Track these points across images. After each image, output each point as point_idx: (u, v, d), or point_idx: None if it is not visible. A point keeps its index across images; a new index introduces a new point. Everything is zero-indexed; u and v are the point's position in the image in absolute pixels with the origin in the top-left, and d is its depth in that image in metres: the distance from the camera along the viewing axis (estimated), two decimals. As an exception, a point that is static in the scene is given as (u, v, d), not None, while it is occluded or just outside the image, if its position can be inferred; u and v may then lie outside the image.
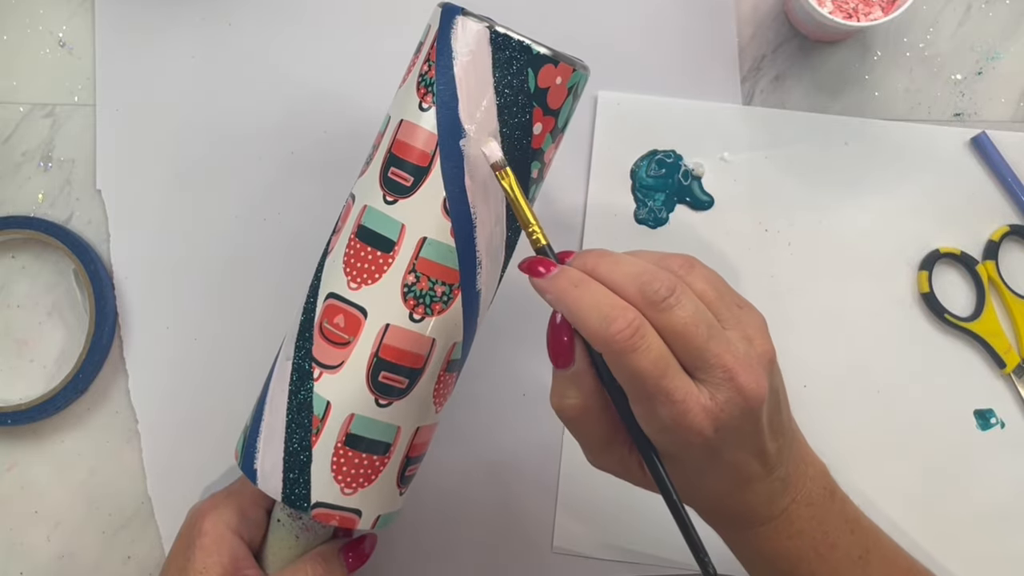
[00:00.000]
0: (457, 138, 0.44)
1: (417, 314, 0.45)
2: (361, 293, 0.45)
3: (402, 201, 0.45)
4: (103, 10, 0.61)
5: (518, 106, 0.44)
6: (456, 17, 0.44)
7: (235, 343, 0.60)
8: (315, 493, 0.46)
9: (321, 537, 0.50)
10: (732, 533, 0.45)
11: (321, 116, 0.61)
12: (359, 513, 0.47)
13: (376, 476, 0.46)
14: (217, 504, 0.50)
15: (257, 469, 0.47)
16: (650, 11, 0.61)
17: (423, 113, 0.45)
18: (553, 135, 0.46)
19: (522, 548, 0.60)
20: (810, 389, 0.59)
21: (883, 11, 0.57)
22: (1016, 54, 0.61)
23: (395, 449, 0.47)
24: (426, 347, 0.46)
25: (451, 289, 0.45)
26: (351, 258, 0.46)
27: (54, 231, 0.59)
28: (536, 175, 0.47)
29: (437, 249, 0.44)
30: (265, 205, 0.61)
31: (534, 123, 0.45)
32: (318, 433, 0.46)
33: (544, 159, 0.47)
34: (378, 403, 0.45)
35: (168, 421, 0.60)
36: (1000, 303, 0.60)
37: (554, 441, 0.60)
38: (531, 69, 0.44)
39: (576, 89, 0.46)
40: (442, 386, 0.48)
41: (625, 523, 0.59)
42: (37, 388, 0.59)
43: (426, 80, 0.45)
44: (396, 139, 0.46)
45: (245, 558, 0.48)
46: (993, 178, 0.60)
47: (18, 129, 0.61)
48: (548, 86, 0.44)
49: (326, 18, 0.61)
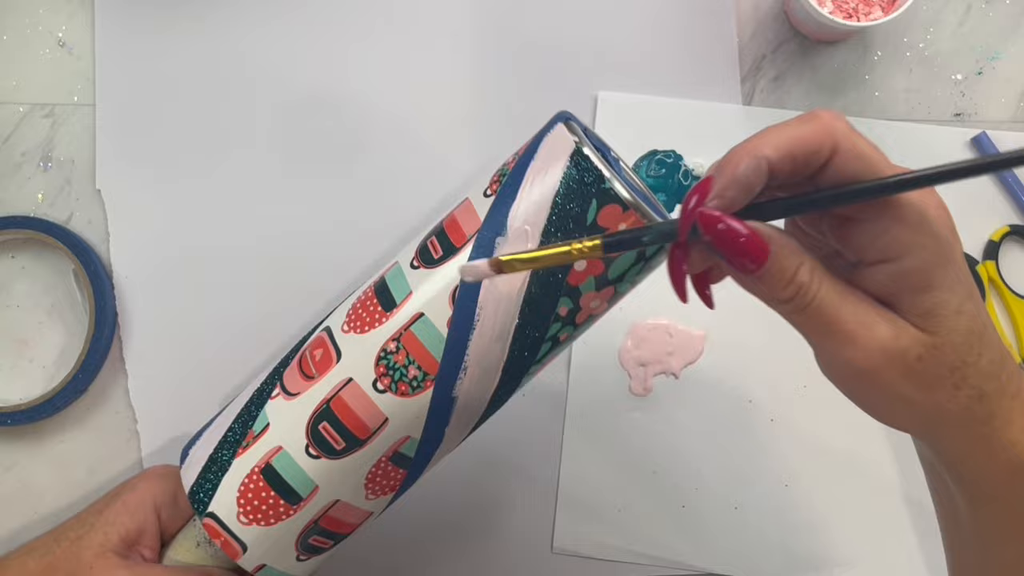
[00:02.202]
0: (495, 233, 0.42)
1: (382, 384, 0.43)
2: (347, 338, 0.44)
3: (423, 270, 0.43)
4: (103, 10, 0.61)
5: (566, 231, 0.40)
6: (558, 123, 0.42)
7: (235, 343, 0.60)
8: (215, 503, 0.45)
9: (220, 559, 0.48)
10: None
11: (320, 116, 0.61)
12: (244, 548, 0.45)
13: (276, 522, 0.45)
14: (162, 476, 0.50)
15: (189, 455, 0.47)
16: (650, 11, 0.61)
17: (484, 199, 0.43)
18: (599, 283, 0.41)
19: (522, 548, 0.60)
20: (810, 389, 0.59)
21: (883, 11, 0.57)
22: (1016, 54, 0.61)
23: (304, 506, 0.44)
24: (376, 421, 0.43)
25: (424, 378, 0.43)
26: (358, 304, 0.45)
27: (54, 231, 0.59)
28: (565, 314, 0.42)
29: (428, 331, 0.42)
30: (265, 205, 0.61)
31: None
32: (246, 447, 0.45)
33: (581, 302, 0.42)
34: (308, 450, 0.44)
35: (168, 421, 0.60)
36: (1000, 303, 0.60)
37: (554, 441, 0.60)
38: (596, 201, 0.40)
39: (643, 248, 0.39)
40: (381, 474, 0.45)
41: (625, 523, 0.59)
42: (37, 388, 0.59)
43: (504, 170, 0.44)
44: (452, 214, 0.45)
45: (150, 536, 0.48)
46: (993, 178, 0.60)
47: (18, 129, 0.61)
48: (606, 227, 0.40)
49: (326, 18, 0.61)
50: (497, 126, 0.61)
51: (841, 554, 0.59)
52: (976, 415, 0.35)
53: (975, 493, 0.38)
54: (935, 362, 0.34)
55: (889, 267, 0.33)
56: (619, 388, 0.60)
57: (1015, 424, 0.35)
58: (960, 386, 0.34)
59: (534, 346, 0.43)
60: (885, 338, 0.33)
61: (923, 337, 0.33)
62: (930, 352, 0.33)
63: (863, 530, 0.59)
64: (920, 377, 0.34)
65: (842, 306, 0.33)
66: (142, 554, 0.47)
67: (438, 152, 0.61)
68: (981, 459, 0.36)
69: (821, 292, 0.33)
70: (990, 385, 0.34)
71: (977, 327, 0.34)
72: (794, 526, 0.59)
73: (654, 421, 0.60)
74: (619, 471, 0.59)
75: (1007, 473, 0.36)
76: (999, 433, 0.35)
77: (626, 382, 0.60)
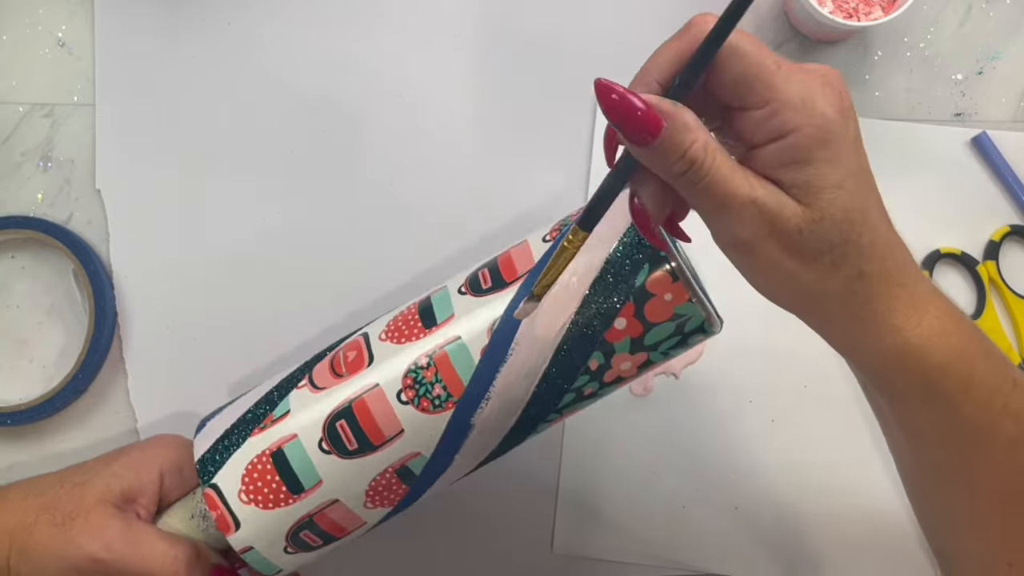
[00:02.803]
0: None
1: (406, 395, 0.44)
2: (383, 346, 0.46)
3: (469, 297, 0.45)
4: (103, 10, 0.61)
5: (615, 289, 0.42)
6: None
7: (235, 343, 0.60)
8: (220, 475, 0.46)
9: (213, 537, 0.49)
10: None
11: (321, 116, 0.61)
12: (238, 525, 0.46)
13: (274, 507, 0.45)
14: (173, 444, 0.51)
15: (206, 426, 0.48)
16: (650, 11, 0.61)
17: (542, 244, 0.45)
18: (634, 346, 0.43)
19: (522, 548, 0.60)
20: (810, 389, 0.59)
21: (883, 11, 0.57)
22: (1016, 54, 0.61)
23: (304, 498, 0.45)
24: (392, 430, 0.44)
25: (448, 399, 0.44)
26: (400, 317, 0.46)
27: (53, 231, 0.59)
28: (595, 368, 0.44)
29: (461, 355, 0.44)
30: (265, 205, 0.61)
31: (619, 315, 0.42)
32: (263, 429, 0.46)
33: (613, 361, 0.43)
34: (321, 444, 0.45)
35: (168, 421, 0.60)
36: (1001, 303, 0.60)
37: (554, 441, 0.60)
38: (648, 265, 0.42)
39: (683, 323, 0.42)
40: (384, 485, 0.45)
41: (625, 523, 0.59)
42: (37, 388, 0.59)
43: (566, 220, 0.45)
44: (508, 251, 0.46)
45: (149, 497, 0.49)
46: (993, 178, 0.60)
47: (18, 129, 0.61)
48: (655, 293, 0.42)
49: (326, 18, 0.61)
50: (498, 126, 0.61)
51: (841, 554, 0.59)
52: (857, 295, 0.36)
53: (880, 387, 0.39)
54: (814, 236, 0.34)
55: (774, 146, 0.34)
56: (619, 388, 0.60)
57: (898, 311, 0.36)
58: (840, 264, 0.35)
59: (559, 393, 0.44)
60: (767, 211, 0.34)
61: (802, 210, 0.34)
62: (809, 226, 0.34)
63: (863, 530, 0.59)
64: (800, 251, 0.35)
65: (731, 181, 0.34)
66: (137, 512, 0.48)
67: (438, 152, 0.61)
68: (867, 344, 0.37)
69: (714, 168, 0.34)
70: (871, 266, 0.35)
71: (858, 205, 0.35)
72: (794, 526, 0.59)
73: (654, 421, 0.60)
74: (619, 471, 0.59)
75: (896, 360, 0.37)
76: (881, 317, 0.36)
77: (626, 382, 0.60)
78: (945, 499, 0.42)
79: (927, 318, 0.36)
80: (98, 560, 0.46)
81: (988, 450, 0.38)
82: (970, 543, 0.42)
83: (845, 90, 0.35)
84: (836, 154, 0.34)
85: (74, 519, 0.46)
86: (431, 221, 0.60)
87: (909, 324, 0.36)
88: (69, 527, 0.46)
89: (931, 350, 0.36)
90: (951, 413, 0.37)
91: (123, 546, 0.46)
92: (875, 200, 0.36)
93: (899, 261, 0.36)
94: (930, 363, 0.36)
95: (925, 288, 0.37)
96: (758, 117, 0.35)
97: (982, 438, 0.38)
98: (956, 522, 0.42)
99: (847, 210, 0.34)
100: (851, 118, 0.35)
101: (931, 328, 0.36)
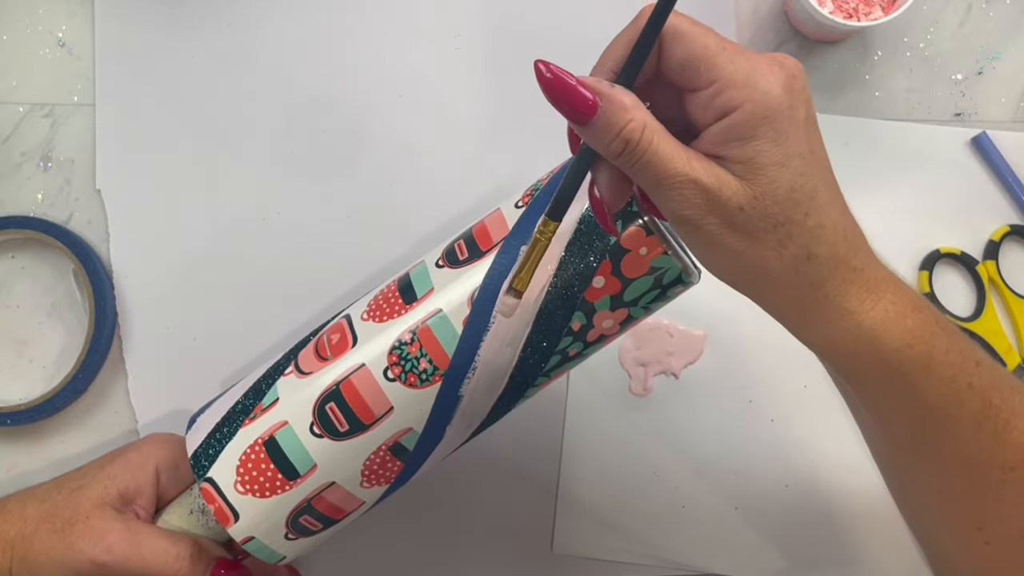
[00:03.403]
0: (521, 241, 0.43)
1: (392, 373, 0.44)
2: (365, 326, 0.46)
3: (447, 270, 0.45)
4: (103, 10, 0.61)
5: (591, 248, 0.42)
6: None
7: (235, 343, 0.60)
8: (215, 468, 0.46)
9: (213, 530, 0.49)
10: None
11: (321, 116, 0.61)
12: (237, 516, 0.46)
13: (271, 495, 0.46)
14: (167, 442, 0.51)
15: (196, 421, 0.49)
16: (650, 11, 0.61)
17: (515, 210, 0.45)
18: (614, 303, 0.43)
19: (522, 548, 0.60)
20: (810, 389, 0.59)
21: (883, 11, 0.57)
22: (1016, 54, 0.61)
23: (301, 483, 0.45)
24: (381, 409, 0.44)
25: (434, 372, 0.44)
26: (380, 296, 0.47)
27: (53, 231, 0.59)
28: (577, 329, 0.44)
29: (444, 327, 0.44)
30: (265, 205, 0.61)
31: (596, 274, 0.43)
32: (253, 419, 0.46)
33: (594, 320, 0.44)
34: (312, 429, 0.45)
35: (168, 421, 0.60)
36: (1000, 303, 0.60)
37: (554, 441, 0.60)
38: (621, 221, 0.42)
39: (660, 276, 0.43)
40: (379, 463, 0.46)
41: (625, 523, 0.59)
42: (37, 388, 0.59)
43: (537, 185, 0.45)
44: (483, 221, 0.46)
45: (147, 496, 0.49)
46: (993, 178, 0.60)
47: (18, 129, 0.61)
48: (630, 249, 0.42)
49: (326, 18, 0.61)
50: (498, 125, 0.61)
51: (841, 554, 0.59)
52: (806, 277, 0.36)
53: (839, 370, 0.39)
54: (756, 214, 0.34)
55: (719, 124, 0.35)
56: (619, 388, 0.60)
57: (851, 295, 0.36)
58: (785, 244, 0.35)
59: (544, 356, 0.44)
60: (705, 188, 0.34)
61: (744, 187, 0.34)
62: (751, 203, 0.34)
63: (863, 530, 0.59)
64: (743, 229, 0.35)
65: (671, 160, 0.34)
66: (136, 512, 0.49)
67: (438, 153, 0.61)
68: (820, 327, 0.37)
69: (651, 147, 0.34)
70: (820, 249, 0.35)
71: (804, 185, 0.35)
72: (794, 526, 0.59)
73: (654, 421, 0.60)
74: (619, 471, 0.59)
75: (849, 343, 0.37)
76: (833, 301, 0.36)
77: (626, 382, 0.60)
78: (914, 475, 0.42)
79: (882, 302, 0.36)
80: (100, 563, 0.46)
81: (954, 427, 0.38)
82: (941, 515, 0.42)
83: (800, 74, 0.35)
84: (780, 132, 0.34)
85: (74, 524, 0.46)
86: (431, 221, 0.60)
87: (863, 308, 0.36)
88: (69, 533, 0.46)
89: (886, 334, 0.36)
90: (913, 394, 0.37)
91: (124, 547, 0.46)
92: (826, 183, 0.36)
93: (853, 246, 0.36)
94: (886, 346, 0.36)
95: (882, 274, 0.37)
96: (705, 97, 0.35)
97: (947, 416, 0.38)
98: (927, 497, 0.42)
99: (791, 189, 0.34)
100: (801, 100, 0.35)
101: (886, 312, 0.36)
